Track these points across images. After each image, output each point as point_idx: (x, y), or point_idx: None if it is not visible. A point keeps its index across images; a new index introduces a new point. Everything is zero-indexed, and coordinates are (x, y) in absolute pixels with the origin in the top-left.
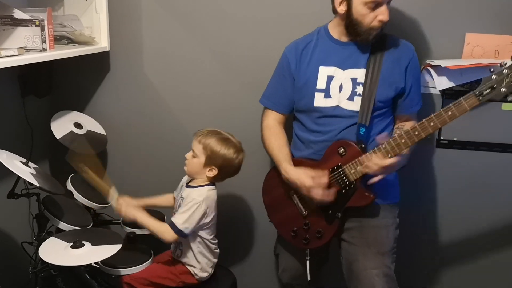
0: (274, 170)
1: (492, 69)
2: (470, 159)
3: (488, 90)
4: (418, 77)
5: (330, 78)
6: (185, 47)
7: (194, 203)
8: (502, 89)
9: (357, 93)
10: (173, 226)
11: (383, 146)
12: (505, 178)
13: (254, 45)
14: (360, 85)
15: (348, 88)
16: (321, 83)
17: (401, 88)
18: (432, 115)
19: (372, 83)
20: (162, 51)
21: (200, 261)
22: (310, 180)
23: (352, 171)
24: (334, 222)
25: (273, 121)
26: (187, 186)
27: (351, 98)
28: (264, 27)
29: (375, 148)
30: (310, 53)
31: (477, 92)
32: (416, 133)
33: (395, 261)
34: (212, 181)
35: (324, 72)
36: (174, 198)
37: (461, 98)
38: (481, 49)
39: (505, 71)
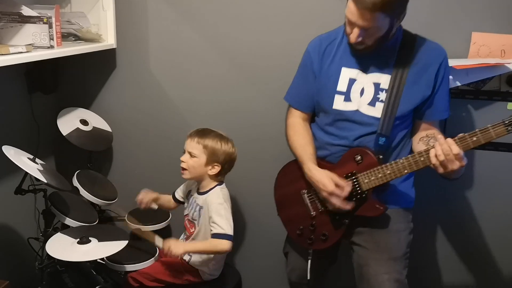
0: (288, 166)
1: None
2: (475, 158)
3: None
4: (447, 83)
5: (352, 81)
6: (191, 45)
7: (219, 204)
8: None
9: (380, 99)
10: (223, 235)
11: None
12: (510, 177)
13: (261, 43)
14: (384, 91)
15: (369, 93)
16: (342, 86)
17: (428, 95)
18: (456, 137)
19: (396, 93)
20: (168, 48)
21: (210, 266)
22: (332, 186)
23: (366, 180)
24: (341, 227)
25: (297, 118)
26: (199, 193)
27: (372, 103)
28: (272, 25)
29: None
30: (333, 52)
31: (506, 122)
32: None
33: (407, 266)
34: (217, 180)
35: (346, 74)
36: (174, 201)
37: (488, 125)
38: (487, 48)
39: None
